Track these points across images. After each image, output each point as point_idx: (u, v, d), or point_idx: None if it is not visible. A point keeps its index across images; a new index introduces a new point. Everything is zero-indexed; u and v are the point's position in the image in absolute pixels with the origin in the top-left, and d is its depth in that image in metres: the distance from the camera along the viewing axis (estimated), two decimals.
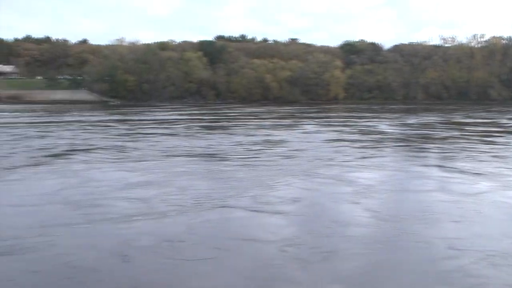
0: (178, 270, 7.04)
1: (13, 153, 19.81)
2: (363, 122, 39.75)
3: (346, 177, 14.10)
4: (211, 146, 21.99)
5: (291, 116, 50.80)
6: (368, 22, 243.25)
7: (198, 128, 34.31)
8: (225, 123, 39.79)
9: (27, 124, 38.82)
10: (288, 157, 18.54)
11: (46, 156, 18.80)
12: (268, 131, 30.63)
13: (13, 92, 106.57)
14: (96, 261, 7.34)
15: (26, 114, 56.78)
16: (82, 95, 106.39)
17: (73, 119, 44.46)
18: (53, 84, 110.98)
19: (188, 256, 7.55)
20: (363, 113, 57.89)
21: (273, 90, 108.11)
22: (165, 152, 19.77)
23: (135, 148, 21.24)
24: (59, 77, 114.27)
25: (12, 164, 16.65)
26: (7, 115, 54.51)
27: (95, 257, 7.48)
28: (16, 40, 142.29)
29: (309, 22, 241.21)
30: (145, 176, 14.09)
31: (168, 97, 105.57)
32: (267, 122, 40.23)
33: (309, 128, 33.71)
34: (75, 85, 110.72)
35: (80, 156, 18.67)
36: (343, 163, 16.98)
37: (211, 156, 18.92)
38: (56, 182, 13.17)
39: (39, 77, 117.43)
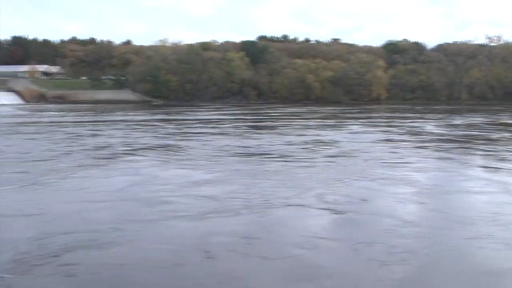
0: (263, 267, 7.05)
1: (72, 151, 20.32)
2: (408, 123, 39.24)
3: (404, 177, 13.93)
4: (263, 146, 22.06)
5: (334, 116, 50.52)
6: (412, 21, 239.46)
7: (245, 127, 34.49)
8: (270, 123, 39.89)
9: (75, 123, 39.76)
10: (342, 157, 18.48)
11: (104, 154, 19.22)
12: (316, 131, 30.55)
13: (59, 92, 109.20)
14: (179, 256, 7.42)
15: (72, 113, 58.13)
16: (125, 95, 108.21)
17: (118, 119, 45.31)
18: (97, 84, 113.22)
19: (268, 253, 7.56)
20: (406, 113, 57.16)
21: (315, 90, 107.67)
22: (219, 151, 19.94)
23: (189, 147, 21.50)
24: (103, 78, 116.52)
25: (75, 161, 17.10)
26: (54, 114, 55.94)
27: (177, 252, 7.56)
28: (62, 41, 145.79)
29: (351, 22, 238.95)
30: (206, 175, 14.23)
31: (210, 97, 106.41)
32: (311, 122, 40.11)
33: (356, 128, 33.46)
34: (118, 85, 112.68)
35: (138, 155, 19.00)
36: (399, 163, 16.80)
37: (266, 155, 18.93)
38: (121, 179, 13.45)
39: (83, 78, 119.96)
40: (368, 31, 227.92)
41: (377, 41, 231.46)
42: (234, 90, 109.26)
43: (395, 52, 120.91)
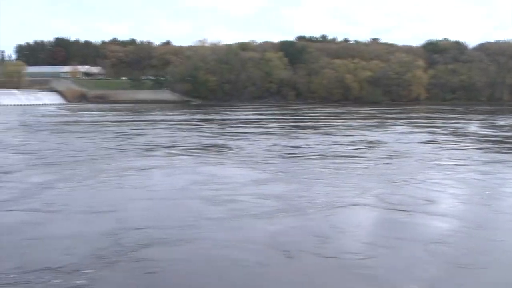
0: (341, 268, 7.05)
1: (125, 149, 20.71)
2: (451, 124, 38.66)
3: (462, 178, 13.75)
4: (312, 146, 22.02)
5: (375, 117, 50.08)
6: (453, 20, 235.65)
7: (289, 127, 34.56)
8: (312, 123, 39.85)
9: (118, 122, 40.47)
10: (394, 157, 18.30)
11: (157, 153, 19.54)
12: (360, 132, 30.38)
13: (99, 92, 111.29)
14: (258, 255, 7.44)
15: (113, 112, 59.21)
16: (164, 95, 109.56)
17: (158, 118, 45.93)
18: (137, 85, 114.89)
19: (344, 253, 7.54)
20: (447, 114, 56.39)
21: (353, 91, 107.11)
22: (270, 151, 20.00)
23: (238, 147, 21.63)
24: (142, 78, 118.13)
25: (130, 160, 17.42)
26: (96, 113, 57.01)
27: (255, 251, 7.60)
28: (103, 42, 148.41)
29: (391, 22, 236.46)
30: (263, 174, 14.27)
31: (249, 97, 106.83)
32: (353, 123, 39.91)
33: (399, 129, 33.13)
34: (158, 85, 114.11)
35: (190, 154, 19.24)
36: (452, 164, 16.55)
37: (317, 155, 18.90)
38: (181, 178, 13.59)
39: (123, 78, 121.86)
40: (408, 31, 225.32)
41: (416, 41, 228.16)
42: (272, 90, 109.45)
43: (435, 51, 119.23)
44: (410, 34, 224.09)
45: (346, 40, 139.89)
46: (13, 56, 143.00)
